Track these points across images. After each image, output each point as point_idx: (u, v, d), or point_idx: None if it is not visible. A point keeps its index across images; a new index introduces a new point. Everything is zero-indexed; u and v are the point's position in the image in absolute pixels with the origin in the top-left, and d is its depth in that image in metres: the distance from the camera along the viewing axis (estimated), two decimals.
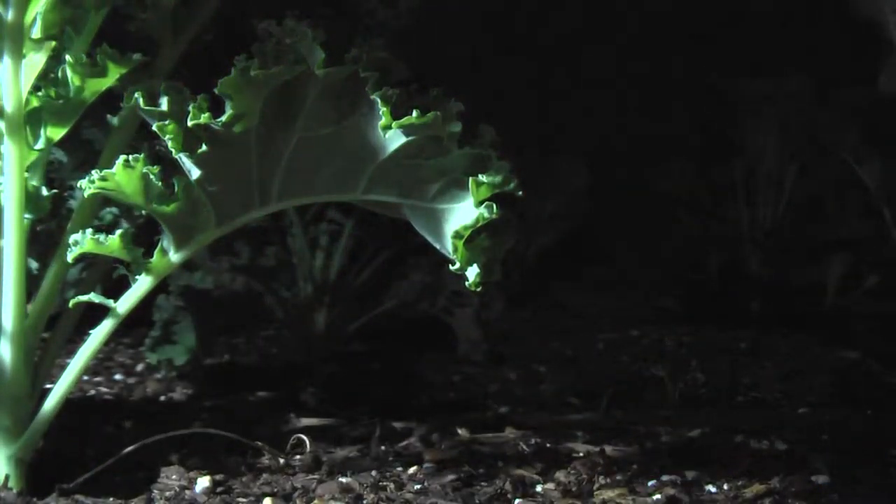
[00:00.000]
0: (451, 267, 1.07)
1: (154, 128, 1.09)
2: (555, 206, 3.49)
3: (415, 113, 1.03)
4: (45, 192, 1.18)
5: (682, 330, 2.65)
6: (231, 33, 1.33)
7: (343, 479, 1.22)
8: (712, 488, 1.23)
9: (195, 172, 1.10)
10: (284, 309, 2.06)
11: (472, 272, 1.06)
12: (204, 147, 1.08)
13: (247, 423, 1.49)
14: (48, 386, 1.24)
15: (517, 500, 1.17)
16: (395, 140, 1.07)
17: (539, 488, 1.22)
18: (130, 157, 1.09)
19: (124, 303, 1.16)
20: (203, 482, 1.20)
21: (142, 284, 1.15)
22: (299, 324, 2.09)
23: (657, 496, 1.19)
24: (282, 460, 1.30)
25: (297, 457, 1.32)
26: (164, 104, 1.09)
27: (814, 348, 2.24)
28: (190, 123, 1.07)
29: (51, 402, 1.17)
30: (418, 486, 1.21)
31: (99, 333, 1.16)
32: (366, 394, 1.75)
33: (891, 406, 1.70)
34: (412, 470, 1.27)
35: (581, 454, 1.37)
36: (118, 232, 1.12)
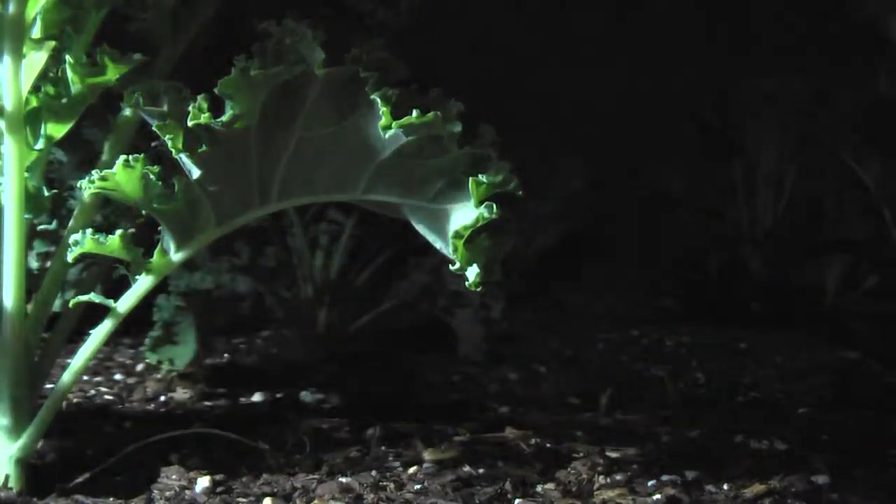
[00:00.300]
0: (451, 267, 1.07)
1: (154, 128, 1.09)
2: (555, 206, 3.49)
3: (415, 113, 1.03)
4: (45, 192, 1.18)
5: (682, 330, 2.65)
6: (231, 33, 1.33)
7: (343, 479, 1.22)
8: (712, 488, 1.23)
9: (195, 172, 1.10)
10: (284, 309, 2.06)
11: (472, 272, 1.06)
12: (204, 147, 1.08)
13: (247, 423, 1.50)
14: (48, 386, 1.25)
15: (517, 500, 1.17)
16: (395, 140, 1.07)
17: (539, 488, 1.22)
18: (130, 157, 1.08)
19: (124, 303, 1.16)
20: (203, 482, 1.20)
21: (142, 284, 1.15)
22: (299, 324, 2.09)
23: (657, 496, 1.19)
24: (282, 460, 1.30)
25: (297, 457, 1.32)
26: (164, 104, 1.09)
27: (814, 348, 2.24)
28: (190, 123, 1.07)
29: (51, 402, 1.17)
30: (418, 486, 1.21)
31: (99, 333, 1.16)
32: (366, 394, 1.75)
33: (891, 406, 1.70)
34: (412, 470, 1.27)
35: (581, 454, 1.37)
36: (118, 232, 1.12)
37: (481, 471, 1.27)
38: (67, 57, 1.12)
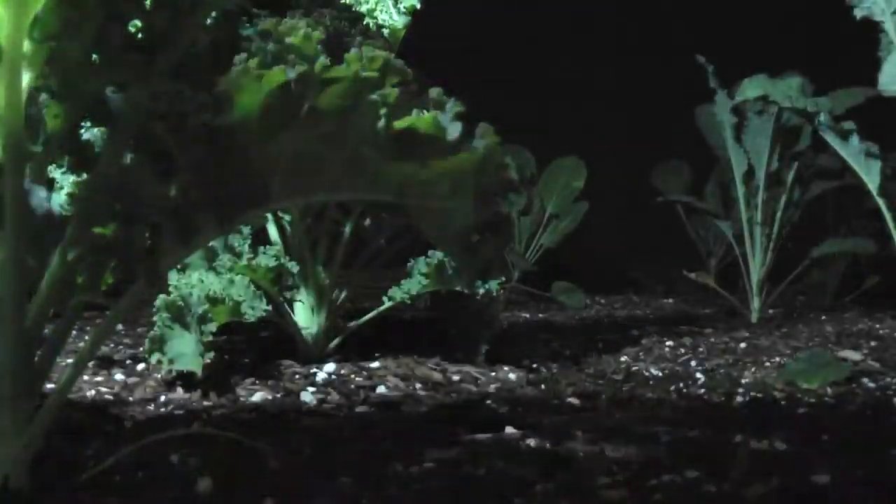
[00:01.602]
0: (451, 266, 1.07)
1: (154, 128, 1.09)
2: (555, 206, 3.50)
3: (415, 113, 1.03)
4: (45, 191, 1.18)
5: (683, 330, 2.66)
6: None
7: (343, 479, 1.22)
8: (712, 488, 1.23)
9: (195, 172, 1.10)
10: (285, 309, 2.06)
11: (472, 272, 1.06)
12: (204, 147, 1.08)
13: (247, 423, 1.50)
14: (48, 386, 1.24)
15: (517, 500, 1.17)
16: (395, 140, 1.07)
17: (539, 488, 1.22)
18: (130, 157, 1.09)
19: (124, 303, 1.16)
20: (203, 482, 1.20)
21: (141, 285, 1.15)
22: (299, 324, 2.09)
23: (657, 496, 1.19)
24: (282, 460, 1.30)
25: (297, 457, 1.32)
26: (164, 104, 1.09)
27: (814, 348, 2.25)
28: (190, 123, 1.07)
29: (51, 402, 1.17)
30: (418, 486, 1.21)
31: (99, 333, 1.16)
32: (366, 394, 1.75)
33: (890, 406, 1.71)
34: (412, 470, 1.27)
35: (581, 454, 1.36)
36: (118, 232, 1.12)
37: (481, 471, 1.27)
38: (68, 57, 1.12)
